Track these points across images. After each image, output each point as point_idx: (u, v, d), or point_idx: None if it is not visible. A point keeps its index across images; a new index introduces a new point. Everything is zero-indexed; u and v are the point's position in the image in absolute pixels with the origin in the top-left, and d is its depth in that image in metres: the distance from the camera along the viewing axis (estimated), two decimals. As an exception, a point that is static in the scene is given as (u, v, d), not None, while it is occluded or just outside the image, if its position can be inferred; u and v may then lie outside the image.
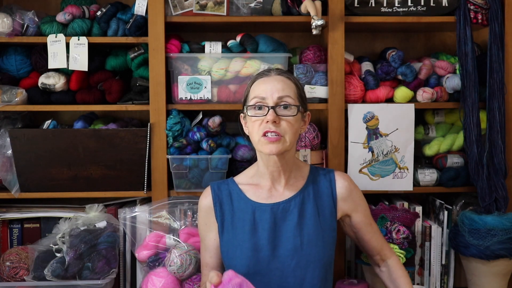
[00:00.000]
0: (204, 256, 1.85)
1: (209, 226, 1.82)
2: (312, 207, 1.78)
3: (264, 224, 1.75)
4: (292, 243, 1.73)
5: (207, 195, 1.84)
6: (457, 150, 2.36)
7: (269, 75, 1.76)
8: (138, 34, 2.23)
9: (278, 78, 1.75)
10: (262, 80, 1.75)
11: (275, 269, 1.72)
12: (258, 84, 1.75)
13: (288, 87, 1.73)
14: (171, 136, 2.22)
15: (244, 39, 2.27)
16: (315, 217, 1.76)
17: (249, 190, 1.81)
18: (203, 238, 1.85)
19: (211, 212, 1.81)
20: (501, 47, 2.24)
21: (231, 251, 1.76)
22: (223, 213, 1.80)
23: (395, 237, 2.05)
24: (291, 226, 1.75)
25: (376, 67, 2.36)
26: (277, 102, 1.71)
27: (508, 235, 2.10)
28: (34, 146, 2.20)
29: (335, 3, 2.23)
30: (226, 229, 1.79)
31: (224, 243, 1.79)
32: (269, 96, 1.71)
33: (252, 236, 1.74)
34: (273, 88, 1.72)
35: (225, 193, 1.82)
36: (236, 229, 1.77)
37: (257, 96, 1.72)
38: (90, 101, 2.29)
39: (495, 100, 2.24)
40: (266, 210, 1.76)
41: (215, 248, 1.81)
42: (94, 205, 2.18)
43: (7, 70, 2.32)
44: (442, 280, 2.30)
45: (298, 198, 1.78)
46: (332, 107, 2.27)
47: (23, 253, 2.07)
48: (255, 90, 1.74)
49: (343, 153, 2.30)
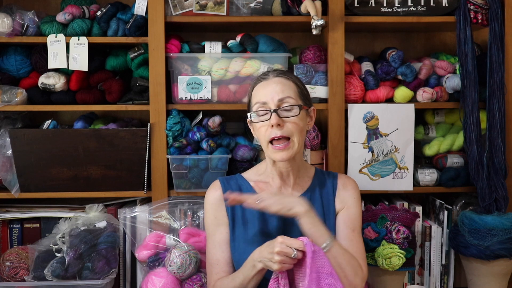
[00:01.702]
0: (214, 253, 1.79)
1: (219, 219, 1.80)
2: (319, 206, 1.80)
3: (273, 222, 1.77)
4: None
5: (217, 188, 1.83)
6: (457, 150, 2.36)
7: (268, 79, 1.77)
8: (138, 34, 2.23)
9: (276, 80, 1.76)
10: (261, 84, 1.77)
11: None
12: (258, 89, 1.77)
13: (287, 88, 1.74)
14: (171, 136, 2.22)
15: (244, 39, 2.27)
16: (322, 216, 1.77)
17: (258, 186, 1.82)
18: (212, 234, 1.80)
19: (222, 204, 1.80)
20: (501, 47, 2.24)
21: (242, 247, 1.75)
22: (234, 207, 1.78)
23: (395, 237, 2.05)
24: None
25: (376, 67, 2.36)
26: (279, 104, 1.72)
27: (508, 235, 2.10)
28: (34, 146, 2.20)
29: (335, 3, 2.23)
30: (237, 224, 1.78)
31: (235, 238, 1.77)
32: (269, 100, 1.72)
33: (263, 233, 1.75)
34: (273, 91, 1.73)
35: (234, 187, 1.82)
36: (247, 225, 1.77)
37: (259, 101, 1.74)
38: (90, 101, 2.29)
39: (495, 100, 2.24)
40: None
41: (226, 242, 1.78)
42: (94, 205, 2.18)
43: (7, 70, 2.32)
44: (442, 280, 2.30)
45: (306, 197, 1.78)
46: (332, 107, 2.27)
47: (23, 253, 2.07)
48: (256, 96, 1.76)
49: (343, 153, 2.30)
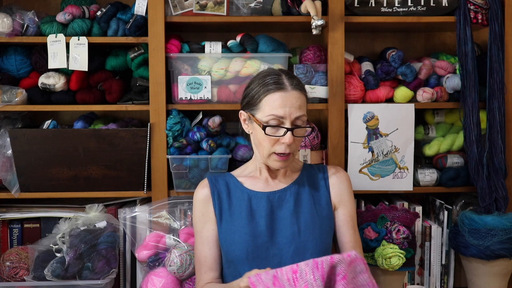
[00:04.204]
0: (201, 250, 1.82)
1: (206, 217, 1.82)
2: (307, 196, 1.82)
3: (261, 212, 1.78)
4: (289, 230, 1.76)
5: (204, 186, 1.85)
6: (457, 150, 2.36)
7: (287, 90, 1.70)
8: (138, 34, 2.23)
9: (295, 95, 1.71)
10: (279, 95, 1.69)
11: (273, 255, 1.75)
12: (274, 99, 1.69)
13: (303, 104, 1.74)
14: (171, 136, 2.22)
15: (244, 39, 2.27)
16: (311, 206, 1.80)
17: (246, 181, 1.85)
18: (199, 231, 1.83)
19: (209, 202, 1.82)
20: (501, 47, 2.24)
21: (230, 237, 1.77)
22: (221, 202, 1.81)
23: (395, 237, 2.05)
24: (288, 213, 1.78)
25: (376, 67, 2.36)
26: (294, 121, 1.71)
27: (508, 235, 2.10)
28: (34, 146, 2.20)
29: (335, 3, 2.23)
30: (224, 217, 1.80)
31: (222, 231, 1.79)
32: (287, 116, 1.69)
33: (250, 223, 1.77)
34: (292, 107, 1.69)
35: (222, 183, 1.84)
36: (234, 216, 1.79)
37: (275, 114, 1.69)
38: (90, 101, 2.29)
39: (495, 100, 2.24)
40: (262, 198, 1.80)
41: (214, 240, 1.81)
42: (94, 205, 2.18)
43: (7, 70, 2.32)
44: (442, 280, 2.30)
45: (293, 188, 1.82)
46: (332, 107, 2.27)
47: (23, 253, 2.07)
48: (271, 105, 1.69)
49: (343, 153, 2.30)
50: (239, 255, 1.74)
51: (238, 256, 1.75)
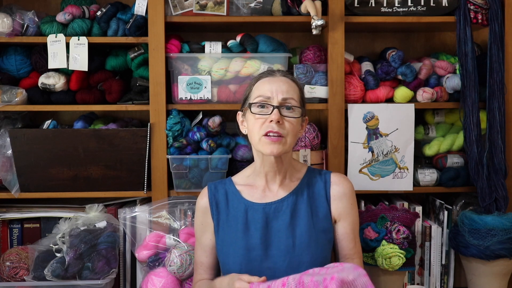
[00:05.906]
0: (199, 255, 1.85)
1: (205, 226, 1.83)
2: (305, 208, 1.77)
3: (257, 224, 1.75)
4: (284, 244, 1.73)
5: (204, 195, 1.85)
6: (457, 150, 2.36)
7: (274, 75, 1.77)
8: (138, 34, 2.23)
9: (283, 79, 1.75)
10: (267, 79, 1.76)
11: (267, 268, 1.71)
12: (262, 83, 1.75)
13: (292, 90, 1.74)
14: (171, 136, 2.22)
15: (244, 39, 2.27)
16: (309, 218, 1.75)
17: (245, 190, 1.82)
18: (199, 237, 1.85)
19: (208, 212, 1.82)
20: (501, 47, 2.24)
21: (225, 249, 1.77)
22: (219, 212, 1.81)
23: (395, 237, 2.05)
24: (283, 226, 1.74)
25: (376, 67, 2.36)
26: (282, 102, 1.71)
27: (508, 235, 2.10)
28: (34, 146, 2.20)
29: (335, 3, 2.23)
30: (221, 227, 1.80)
31: (219, 241, 1.79)
32: (274, 96, 1.71)
33: (245, 235, 1.75)
34: (278, 88, 1.72)
35: (221, 193, 1.83)
36: (231, 228, 1.78)
37: (262, 95, 1.72)
38: (90, 101, 2.29)
39: (495, 100, 2.24)
40: (258, 209, 1.77)
41: (211, 248, 1.83)
42: (94, 205, 2.18)
43: (7, 70, 2.32)
44: (442, 280, 2.30)
45: (291, 199, 1.77)
46: (332, 107, 2.27)
47: (23, 253, 2.07)
48: (259, 89, 1.74)
49: (343, 153, 2.30)
50: (233, 268, 1.72)
51: (232, 268, 1.73)
